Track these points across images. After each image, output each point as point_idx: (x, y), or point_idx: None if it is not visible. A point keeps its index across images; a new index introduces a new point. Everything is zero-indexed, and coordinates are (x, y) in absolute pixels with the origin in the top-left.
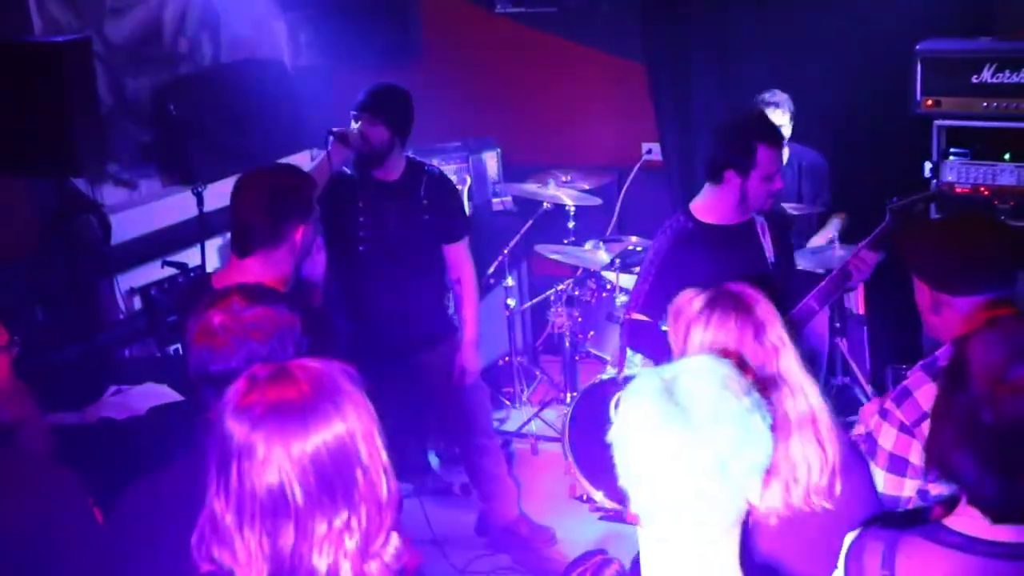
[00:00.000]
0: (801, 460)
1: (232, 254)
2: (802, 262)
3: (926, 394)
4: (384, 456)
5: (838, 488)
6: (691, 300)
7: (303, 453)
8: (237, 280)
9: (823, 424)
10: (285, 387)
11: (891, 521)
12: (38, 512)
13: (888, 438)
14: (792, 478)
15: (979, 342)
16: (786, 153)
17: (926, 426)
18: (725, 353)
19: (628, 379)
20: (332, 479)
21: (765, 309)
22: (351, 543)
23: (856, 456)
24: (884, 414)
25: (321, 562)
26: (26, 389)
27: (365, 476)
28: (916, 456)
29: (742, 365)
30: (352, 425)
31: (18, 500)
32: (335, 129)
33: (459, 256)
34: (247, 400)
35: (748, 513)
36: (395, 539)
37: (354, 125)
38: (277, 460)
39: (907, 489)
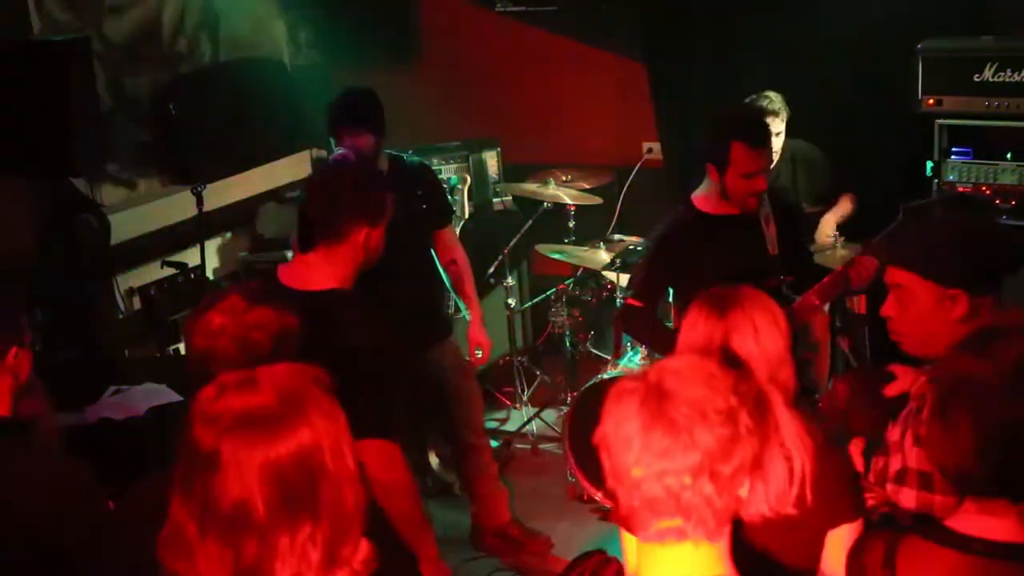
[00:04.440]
0: (769, 469)
1: (297, 248)
2: None
3: None
4: (352, 463)
5: (808, 496)
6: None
7: (267, 463)
8: (301, 274)
9: (789, 436)
10: (251, 395)
11: (892, 522)
12: (55, 504)
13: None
14: (762, 485)
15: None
16: (779, 144)
17: None
18: (710, 351)
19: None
20: (296, 490)
21: (749, 318)
22: (315, 553)
23: (836, 458)
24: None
25: (284, 572)
26: (40, 385)
27: (331, 485)
28: None
29: (729, 361)
30: (319, 434)
31: (36, 492)
32: (334, 157)
33: (451, 238)
34: (214, 408)
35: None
36: (365, 546)
37: (337, 148)
38: (241, 470)
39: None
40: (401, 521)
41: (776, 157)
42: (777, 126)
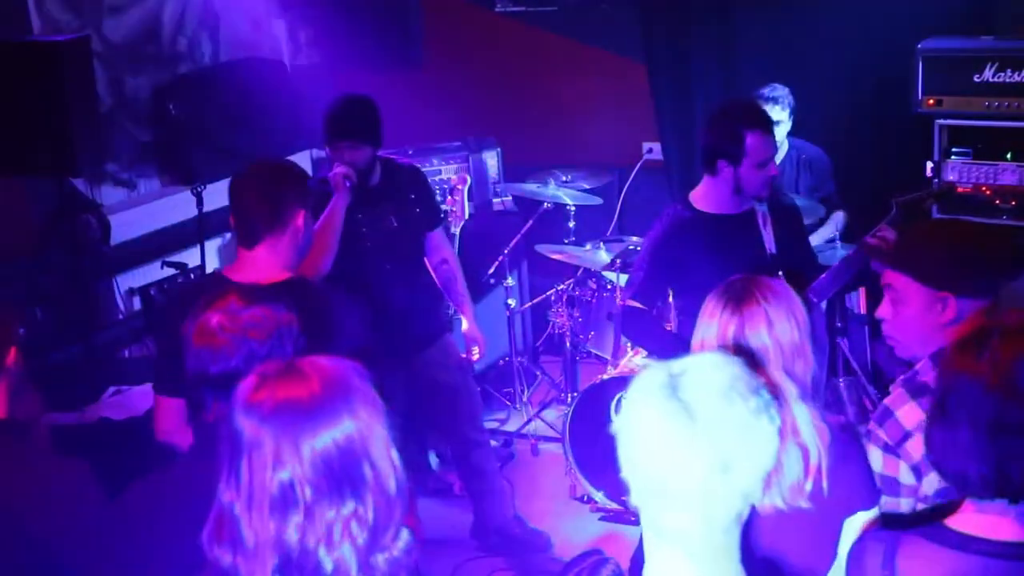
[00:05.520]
0: (783, 463)
1: (240, 249)
2: None
3: (907, 413)
4: (393, 452)
5: (825, 488)
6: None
7: (312, 450)
8: (249, 272)
9: (805, 430)
10: (295, 384)
11: (892, 522)
12: (53, 505)
13: (876, 460)
14: (776, 477)
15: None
16: (785, 147)
17: (910, 444)
18: (737, 351)
19: (624, 377)
20: (341, 475)
21: (763, 309)
22: (359, 536)
23: (853, 446)
24: (868, 435)
25: (328, 555)
26: (30, 381)
27: (374, 472)
28: (905, 475)
29: (754, 365)
30: (361, 422)
31: (34, 493)
32: (329, 176)
33: (442, 239)
34: (257, 397)
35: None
36: (405, 534)
37: (337, 166)
38: (287, 456)
39: (903, 507)
40: None
41: (780, 151)
42: (777, 114)
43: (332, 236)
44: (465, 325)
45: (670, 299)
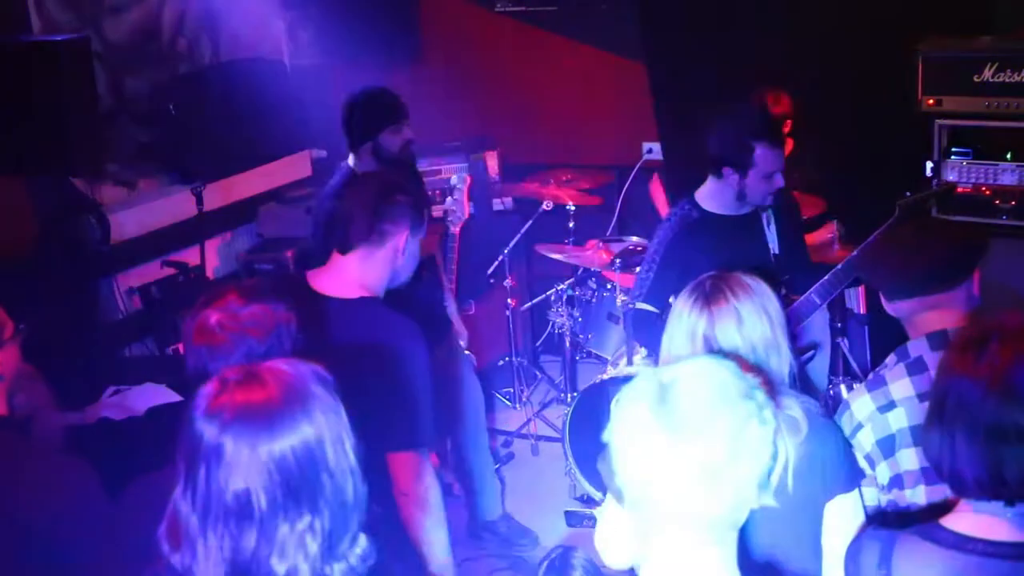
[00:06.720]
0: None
1: (334, 251)
2: None
3: (899, 388)
4: (352, 459)
5: (790, 484)
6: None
7: (270, 457)
8: (334, 280)
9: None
10: (254, 390)
11: (888, 521)
12: (55, 502)
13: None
14: None
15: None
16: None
17: (891, 414)
18: (695, 341)
19: (624, 377)
20: (298, 484)
21: (733, 306)
22: (313, 546)
23: (830, 429)
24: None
25: (281, 565)
26: (39, 376)
27: (331, 480)
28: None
29: (748, 367)
30: (320, 429)
31: (36, 490)
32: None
33: None
34: (217, 403)
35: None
36: (363, 540)
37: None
38: (244, 463)
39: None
40: (417, 531)
41: None
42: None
43: None
44: None
45: (671, 300)
